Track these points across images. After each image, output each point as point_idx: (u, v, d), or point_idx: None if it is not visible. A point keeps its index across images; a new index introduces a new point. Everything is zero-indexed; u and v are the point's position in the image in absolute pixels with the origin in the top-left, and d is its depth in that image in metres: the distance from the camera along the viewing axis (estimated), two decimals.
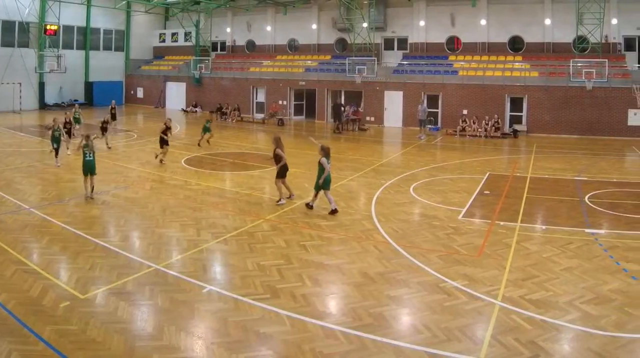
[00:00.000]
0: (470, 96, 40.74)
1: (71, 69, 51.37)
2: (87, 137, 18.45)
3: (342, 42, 52.18)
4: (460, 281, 11.44)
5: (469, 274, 11.85)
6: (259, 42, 58.03)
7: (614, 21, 39.67)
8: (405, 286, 11.20)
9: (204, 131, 30.41)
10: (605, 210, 17.53)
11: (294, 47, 56.03)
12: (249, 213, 16.79)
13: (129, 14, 60.46)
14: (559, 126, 37.93)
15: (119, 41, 61.39)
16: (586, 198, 19.10)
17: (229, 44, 60.38)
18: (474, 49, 45.75)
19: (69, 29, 54.43)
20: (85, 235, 14.16)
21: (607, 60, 35.75)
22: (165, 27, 65.46)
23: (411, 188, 20.67)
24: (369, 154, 29.66)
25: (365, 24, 46.17)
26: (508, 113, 40.16)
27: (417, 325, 9.51)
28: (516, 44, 44.73)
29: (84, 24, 56.08)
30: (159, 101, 58.91)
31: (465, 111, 40.15)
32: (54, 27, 49.36)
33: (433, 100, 42.56)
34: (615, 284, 11.29)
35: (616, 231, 15.37)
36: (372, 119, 44.93)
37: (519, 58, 43.00)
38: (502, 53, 44.28)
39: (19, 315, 9.46)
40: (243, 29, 58.84)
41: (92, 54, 57.51)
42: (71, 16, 52.91)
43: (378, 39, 48.56)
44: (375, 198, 19.06)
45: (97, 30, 58.27)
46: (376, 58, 45.20)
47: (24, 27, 49.54)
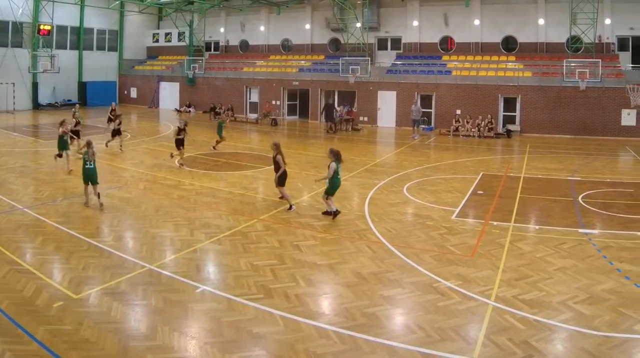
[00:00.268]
0: (464, 96, 40.79)
1: (65, 69, 51.28)
2: (89, 144, 17.36)
3: (335, 42, 52.16)
4: (454, 281, 11.46)
5: (462, 274, 11.86)
6: (252, 42, 58.01)
7: (608, 21, 39.75)
8: (398, 286, 11.20)
9: (220, 132, 29.24)
10: (598, 210, 17.58)
11: (287, 47, 55.99)
12: (242, 214, 16.78)
13: (122, 14, 60.28)
14: (552, 126, 38.00)
15: (113, 41, 61.21)
16: (580, 198, 19.14)
17: (222, 44, 60.31)
18: (467, 49, 45.78)
19: (62, 29, 54.29)
20: (78, 235, 14.13)
21: (600, 60, 35.86)
22: (159, 27, 65.33)
23: (405, 189, 20.68)
24: (363, 154, 29.66)
25: (359, 24, 46.19)
26: (501, 113, 40.21)
27: (411, 325, 9.51)
28: (510, 44, 44.77)
29: (77, 24, 55.91)
30: (152, 101, 58.76)
31: (459, 111, 40.19)
32: (48, 27, 49.30)
33: (426, 100, 42.61)
34: (609, 284, 11.31)
35: (610, 231, 15.41)
36: (366, 119, 44.95)
37: (512, 58, 43.04)
38: (496, 53, 44.32)
39: (12, 315, 9.43)
40: (236, 29, 58.78)
41: (85, 54, 57.34)
42: (65, 16, 52.81)
43: (371, 39, 48.62)
44: (369, 198, 19.05)
45: (91, 30, 58.09)
46: (370, 58, 45.24)
47: (17, 27, 49.34)
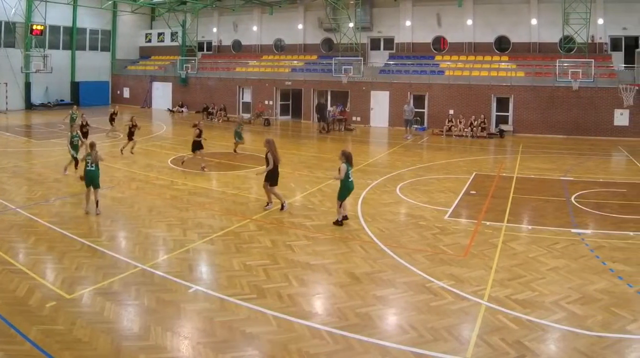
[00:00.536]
0: (457, 96, 40.87)
1: (57, 69, 51.27)
2: (92, 146, 16.84)
3: (328, 42, 52.21)
4: (447, 281, 11.46)
5: (455, 274, 11.87)
6: (245, 42, 58.00)
7: (600, 21, 39.91)
8: (391, 286, 11.21)
9: (237, 137, 28.48)
10: (591, 210, 17.62)
11: (280, 47, 56.00)
12: (235, 213, 16.76)
13: (115, 14, 60.16)
14: (545, 126, 38.11)
15: (105, 41, 61.12)
16: (572, 198, 19.19)
17: (215, 44, 60.28)
18: (460, 49, 45.87)
19: (55, 29, 54.18)
20: (71, 235, 14.09)
21: (593, 60, 36.02)
22: (152, 27, 65.17)
23: (397, 189, 20.70)
24: (355, 154, 29.28)
25: (352, 24, 46.26)
26: (494, 113, 40.29)
27: (404, 325, 9.52)
28: (502, 44, 44.91)
29: (70, 24, 55.79)
30: (145, 101, 58.65)
31: (452, 111, 40.26)
32: (40, 27, 49.22)
33: (419, 100, 42.70)
34: (602, 284, 11.33)
35: (602, 231, 15.45)
36: (359, 119, 44.97)
37: (505, 58, 43.16)
38: (489, 53, 44.43)
39: (5, 315, 9.40)
40: (229, 29, 58.75)
41: (78, 54, 57.23)
42: (57, 16, 52.67)
43: (364, 39, 48.71)
44: (362, 198, 19.04)
45: (84, 30, 57.98)
46: (362, 58, 45.29)
47: (10, 27, 49.19)
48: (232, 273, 11.74)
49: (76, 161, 21.72)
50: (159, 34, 62.59)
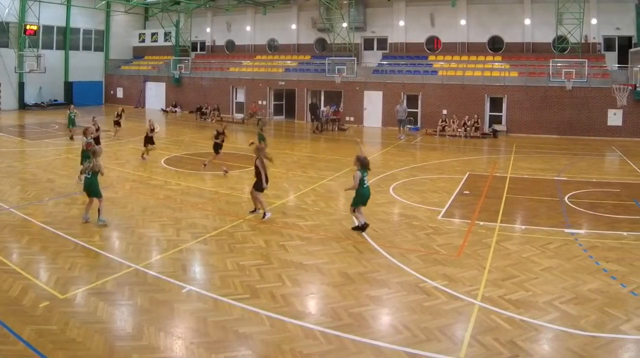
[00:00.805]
0: (450, 96, 40.94)
1: (51, 69, 51.13)
2: (95, 154, 15.61)
3: (321, 42, 52.27)
4: (440, 281, 11.47)
5: (448, 274, 11.88)
6: (238, 42, 57.99)
7: (594, 21, 40.04)
8: (384, 286, 11.21)
9: (260, 140, 26.56)
10: (584, 210, 17.66)
11: (273, 47, 55.99)
12: (228, 214, 16.75)
13: (108, 14, 60.09)
14: (538, 126, 38.19)
15: (99, 41, 61.02)
16: (566, 198, 19.23)
17: (208, 44, 60.28)
18: (453, 49, 45.95)
19: (48, 29, 54.09)
20: (64, 235, 14.05)
21: (586, 60, 36.12)
22: (145, 27, 65.20)
23: (391, 189, 20.71)
24: (349, 154, 29.46)
25: (345, 24, 46.27)
26: (488, 113, 40.38)
27: (397, 325, 9.52)
28: (496, 44, 45.01)
29: (63, 24, 55.71)
30: (138, 101, 58.60)
31: (445, 111, 40.32)
32: (34, 27, 49.03)
33: (413, 100, 42.76)
34: (595, 284, 11.35)
35: (596, 231, 15.48)
36: (352, 119, 45.02)
37: (498, 58, 43.26)
38: (482, 53, 44.53)
39: None
40: (223, 29, 58.74)
41: (71, 53, 57.16)
42: (51, 16, 52.58)
43: (358, 39, 48.78)
44: None
45: (77, 30, 57.94)
46: (356, 58, 45.17)
47: (3, 27, 49.06)
48: (226, 273, 11.73)
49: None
50: (153, 34, 62.59)
